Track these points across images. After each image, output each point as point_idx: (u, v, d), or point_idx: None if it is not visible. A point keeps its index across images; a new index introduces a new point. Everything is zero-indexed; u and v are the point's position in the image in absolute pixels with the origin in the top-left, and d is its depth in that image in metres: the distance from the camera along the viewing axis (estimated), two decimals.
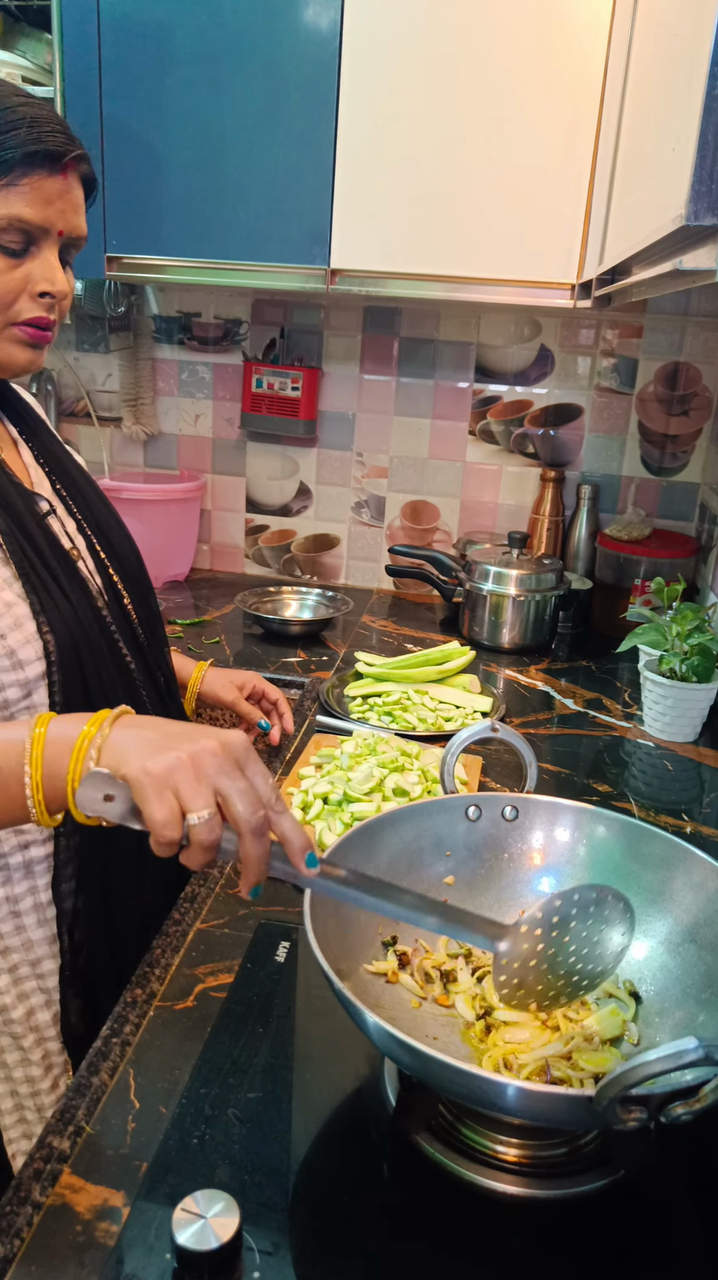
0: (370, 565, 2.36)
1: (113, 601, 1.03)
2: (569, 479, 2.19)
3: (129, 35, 1.71)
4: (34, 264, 0.86)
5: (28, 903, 0.96)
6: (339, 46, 1.65)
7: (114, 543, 1.06)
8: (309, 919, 0.72)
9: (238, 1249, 0.62)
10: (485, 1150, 0.71)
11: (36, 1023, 0.97)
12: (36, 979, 0.97)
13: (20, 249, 0.86)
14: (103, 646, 0.96)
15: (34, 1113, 0.99)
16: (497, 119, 1.64)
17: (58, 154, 0.85)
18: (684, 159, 0.76)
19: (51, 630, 0.89)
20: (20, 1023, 0.96)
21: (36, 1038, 0.97)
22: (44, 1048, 0.98)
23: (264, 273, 1.80)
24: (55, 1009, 0.97)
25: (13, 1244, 0.63)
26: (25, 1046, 0.97)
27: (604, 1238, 0.68)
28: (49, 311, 0.89)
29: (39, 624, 0.89)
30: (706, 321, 2.04)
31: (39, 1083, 0.98)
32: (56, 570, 0.93)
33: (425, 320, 2.17)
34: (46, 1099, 0.98)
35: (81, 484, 1.06)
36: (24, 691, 0.88)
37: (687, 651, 1.49)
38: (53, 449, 1.06)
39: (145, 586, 1.10)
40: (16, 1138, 0.97)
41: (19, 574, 0.89)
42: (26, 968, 0.97)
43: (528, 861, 0.93)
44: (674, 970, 0.82)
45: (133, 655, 1.03)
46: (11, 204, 0.83)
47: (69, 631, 0.91)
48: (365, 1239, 0.66)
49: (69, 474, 1.05)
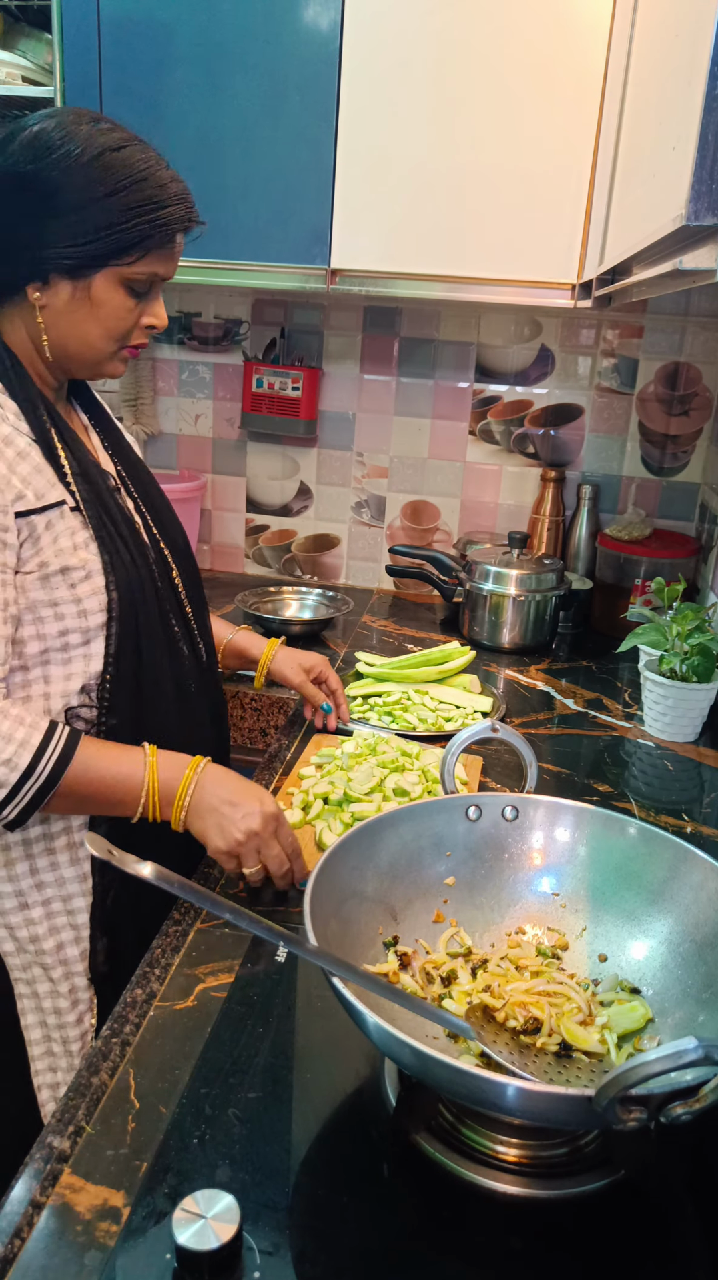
0: (371, 565, 2.36)
1: (163, 574, 1.15)
2: (569, 479, 2.19)
3: (129, 35, 1.71)
4: (149, 303, 1.05)
5: (62, 841, 1.07)
6: (339, 46, 1.65)
7: (165, 522, 1.20)
8: (309, 919, 0.72)
9: (238, 1249, 0.62)
10: (485, 1150, 0.71)
11: (65, 956, 1.08)
12: (67, 914, 1.08)
13: (144, 292, 1.04)
14: (154, 610, 1.10)
15: (60, 1044, 1.09)
16: (497, 119, 1.64)
17: (191, 226, 1.04)
18: (684, 159, 0.76)
19: (116, 588, 1.03)
20: (51, 954, 1.08)
21: (65, 971, 1.08)
22: (71, 981, 1.09)
23: (264, 273, 1.80)
24: (84, 945, 1.09)
25: (13, 1244, 0.63)
26: (55, 979, 1.08)
27: (604, 1238, 0.68)
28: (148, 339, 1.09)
29: (108, 580, 1.03)
30: (706, 321, 2.04)
31: (65, 1015, 1.09)
32: (126, 536, 1.07)
33: (426, 320, 2.17)
34: (72, 1031, 1.09)
35: (139, 470, 1.21)
36: (84, 639, 1.03)
37: (687, 651, 1.49)
38: (116, 437, 1.20)
39: (192, 564, 1.23)
40: (43, 1069, 1.10)
41: (95, 537, 1.03)
42: (59, 903, 1.08)
43: (528, 861, 0.93)
44: (674, 970, 0.82)
45: (179, 624, 1.17)
46: (158, 264, 1.02)
47: (130, 591, 1.05)
48: (366, 1239, 0.66)
49: (130, 460, 1.20)
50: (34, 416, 1.01)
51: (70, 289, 1.00)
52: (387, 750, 1.32)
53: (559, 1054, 0.76)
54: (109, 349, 1.05)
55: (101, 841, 0.69)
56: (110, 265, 0.99)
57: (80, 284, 1.00)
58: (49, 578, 0.99)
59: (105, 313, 1.02)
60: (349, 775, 1.23)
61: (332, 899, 0.79)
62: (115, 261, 0.99)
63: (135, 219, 0.97)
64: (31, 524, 0.98)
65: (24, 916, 1.07)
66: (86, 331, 1.03)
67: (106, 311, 1.02)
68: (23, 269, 0.99)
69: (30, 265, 0.98)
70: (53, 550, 0.99)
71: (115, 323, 1.03)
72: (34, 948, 1.07)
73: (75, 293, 1.00)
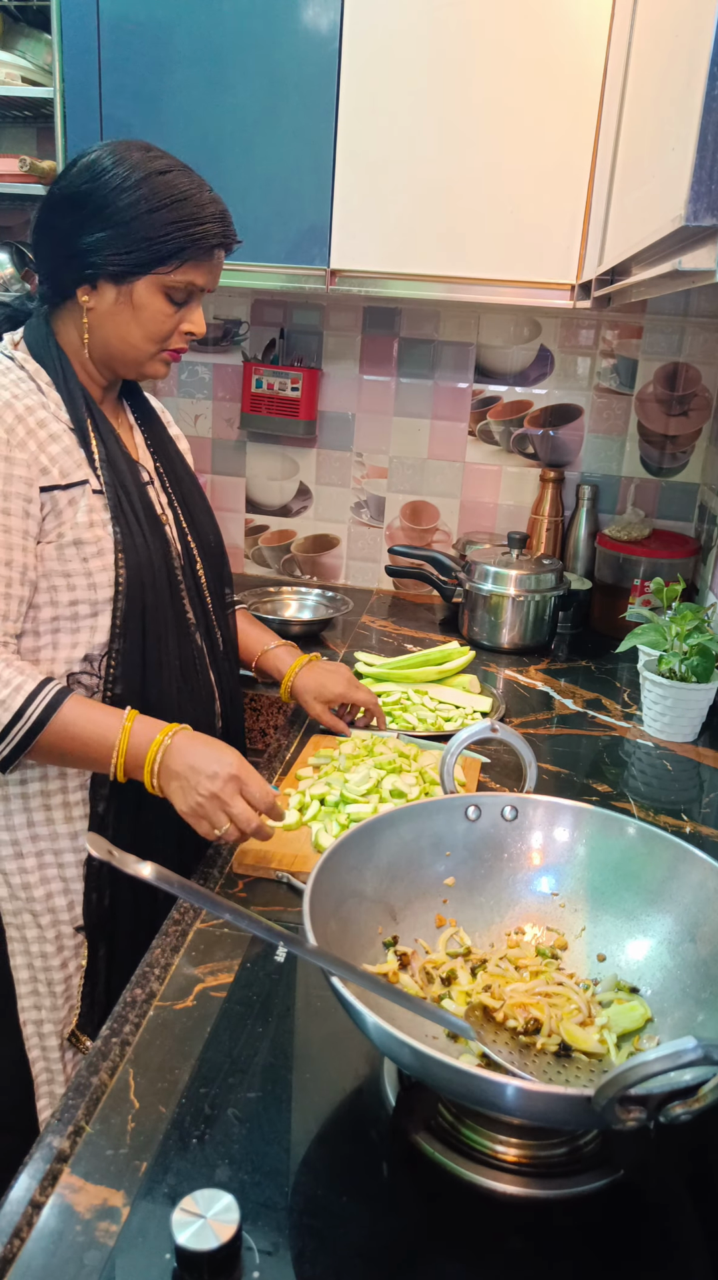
0: (370, 565, 2.36)
1: (187, 566, 1.25)
2: (569, 479, 2.19)
3: (129, 35, 1.71)
4: (188, 310, 1.15)
5: (57, 799, 1.16)
6: (339, 46, 1.65)
7: (198, 520, 1.30)
8: (309, 919, 0.72)
9: (238, 1249, 0.62)
10: (485, 1150, 0.71)
11: (54, 905, 1.17)
12: (58, 867, 1.17)
13: (183, 301, 1.14)
14: (166, 596, 1.18)
15: (45, 985, 1.19)
16: (497, 119, 1.64)
17: (228, 244, 1.15)
18: (684, 159, 0.77)
19: (126, 566, 1.12)
20: (41, 901, 1.17)
21: (52, 919, 1.17)
22: (58, 929, 1.18)
23: (264, 273, 1.81)
24: (71, 897, 1.18)
25: (13, 1244, 0.63)
26: (43, 925, 1.17)
27: (604, 1238, 0.68)
28: (187, 344, 1.18)
29: (117, 558, 1.11)
30: (705, 322, 2.04)
31: (51, 959, 1.18)
32: (144, 522, 1.16)
33: (425, 320, 2.17)
34: (56, 975, 1.18)
35: (179, 470, 1.31)
36: (92, 610, 1.12)
37: (686, 651, 1.49)
38: (161, 438, 1.30)
39: (221, 563, 1.33)
40: (29, 1007, 1.19)
41: (113, 517, 1.12)
42: (50, 855, 1.17)
43: (528, 861, 0.93)
44: (674, 970, 0.82)
45: (195, 613, 1.25)
46: (195, 275, 1.12)
47: (140, 571, 1.13)
48: (365, 1239, 0.66)
49: (170, 459, 1.30)
50: (74, 408, 1.12)
51: (115, 293, 1.11)
52: (384, 752, 1.32)
53: (559, 1054, 0.76)
54: (149, 350, 1.15)
55: (102, 842, 0.69)
56: (151, 273, 1.09)
57: (124, 289, 1.10)
58: (64, 549, 1.09)
59: (146, 316, 1.12)
60: (346, 777, 1.23)
61: (331, 899, 0.79)
62: (156, 269, 1.09)
63: (174, 232, 1.08)
64: (54, 499, 1.08)
65: (18, 865, 1.16)
66: (128, 333, 1.13)
67: (147, 315, 1.12)
68: (75, 275, 1.10)
69: (81, 271, 1.10)
70: (71, 524, 1.09)
71: (155, 326, 1.13)
72: (25, 895, 1.17)
73: (119, 297, 1.11)
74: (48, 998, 1.19)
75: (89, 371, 1.18)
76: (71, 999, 1.20)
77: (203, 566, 1.28)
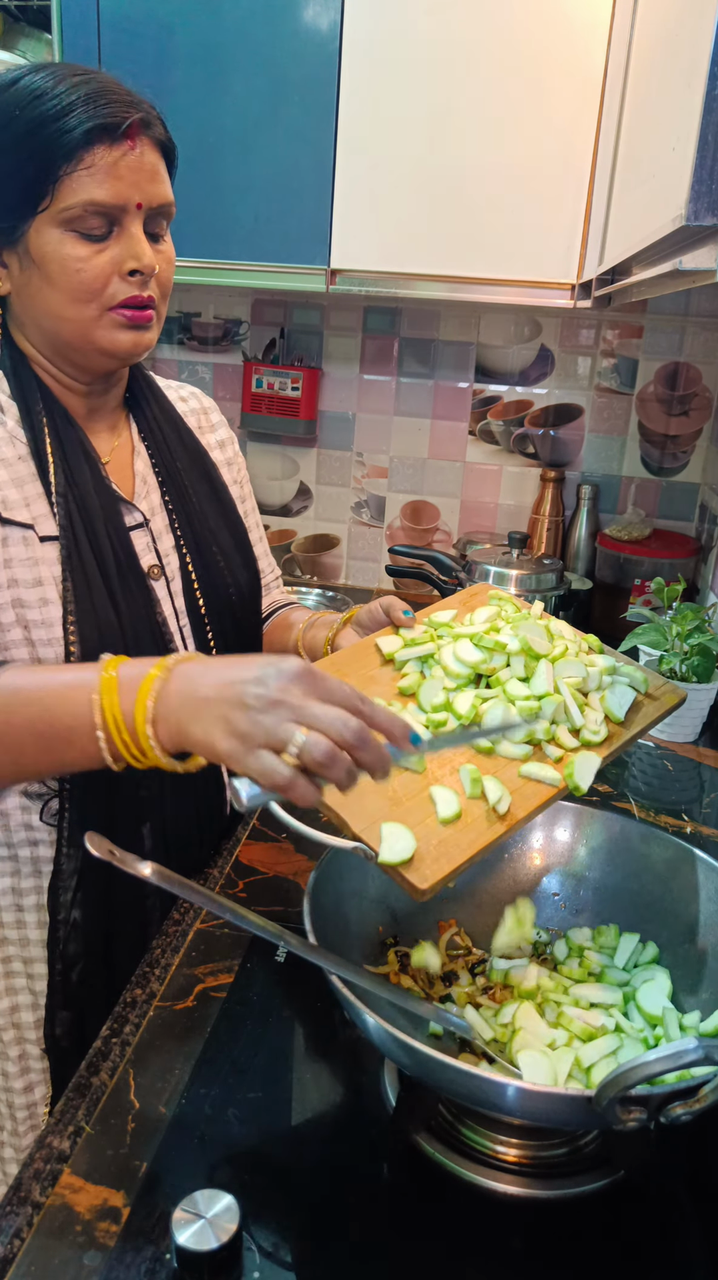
0: (370, 565, 2.36)
1: (192, 624, 0.99)
2: (569, 479, 2.19)
3: (129, 35, 1.71)
4: (119, 245, 0.85)
5: (31, 900, 0.95)
6: (339, 46, 1.65)
7: (210, 567, 1.01)
8: (309, 919, 0.72)
9: (238, 1249, 0.61)
10: (485, 1150, 0.71)
11: (19, 1020, 0.98)
12: (27, 978, 0.97)
13: (103, 233, 0.84)
14: None
15: (5, 1106, 0.99)
16: (497, 119, 1.63)
17: (115, 124, 0.82)
18: (684, 159, 0.76)
19: (79, 638, 0.86)
20: (4, 1015, 0.97)
21: (16, 1035, 0.98)
22: (22, 1048, 0.98)
23: (264, 273, 1.80)
24: (40, 1014, 0.97)
25: (13, 1244, 0.63)
26: (5, 1040, 0.98)
27: (604, 1238, 0.68)
28: (142, 289, 0.87)
29: (66, 628, 0.86)
30: (706, 322, 2.04)
31: (13, 1080, 0.98)
32: (113, 581, 0.90)
33: (425, 320, 2.17)
34: (18, 1099, 0.98)
35: (197, 502, 1.02)
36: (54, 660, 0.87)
37: (687, 651, 1.49)
38: (174, 462, 1.02)
39: (239, 619, 1.03)
40: None
41: (66, 575, 0.87)
42: (19, 964, 0.97)
43: (528, 861, 0.93)
44: (674, 970, 0.82)
45: None
46: (82, 188, 0.82)
47: (100, 641, 0.87)
48: (366, 1239, 0.66)
49: (182, 490, 1.01)
50: (31, 425, 0.88)
51: (16, 261, 0.86)
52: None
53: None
54: (84, 314, 0.86)
55: (103, 841, 0.68)
56: (36, 213, 0.83)
57: (19, 250, 0.85)
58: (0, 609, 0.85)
59: (56, 270, 0.84)
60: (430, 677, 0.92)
61: (331, 899, 0.79)
62: (38, 206, 0.82)
63: (31, 146, 0.80)
64: None
65: None
66: (49, 302, 0.86)
67: (57, 268, 0.84)
68: None
69: None
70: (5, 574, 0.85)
71: (74, 279, 0.84)
72: None
73: (21, 262, 0.86)
74: (8, 1119, 0.99)
75: (53, 374, 0.92)
76: (37, 1128, 0.98)
77: (212, 627, 1.00)
